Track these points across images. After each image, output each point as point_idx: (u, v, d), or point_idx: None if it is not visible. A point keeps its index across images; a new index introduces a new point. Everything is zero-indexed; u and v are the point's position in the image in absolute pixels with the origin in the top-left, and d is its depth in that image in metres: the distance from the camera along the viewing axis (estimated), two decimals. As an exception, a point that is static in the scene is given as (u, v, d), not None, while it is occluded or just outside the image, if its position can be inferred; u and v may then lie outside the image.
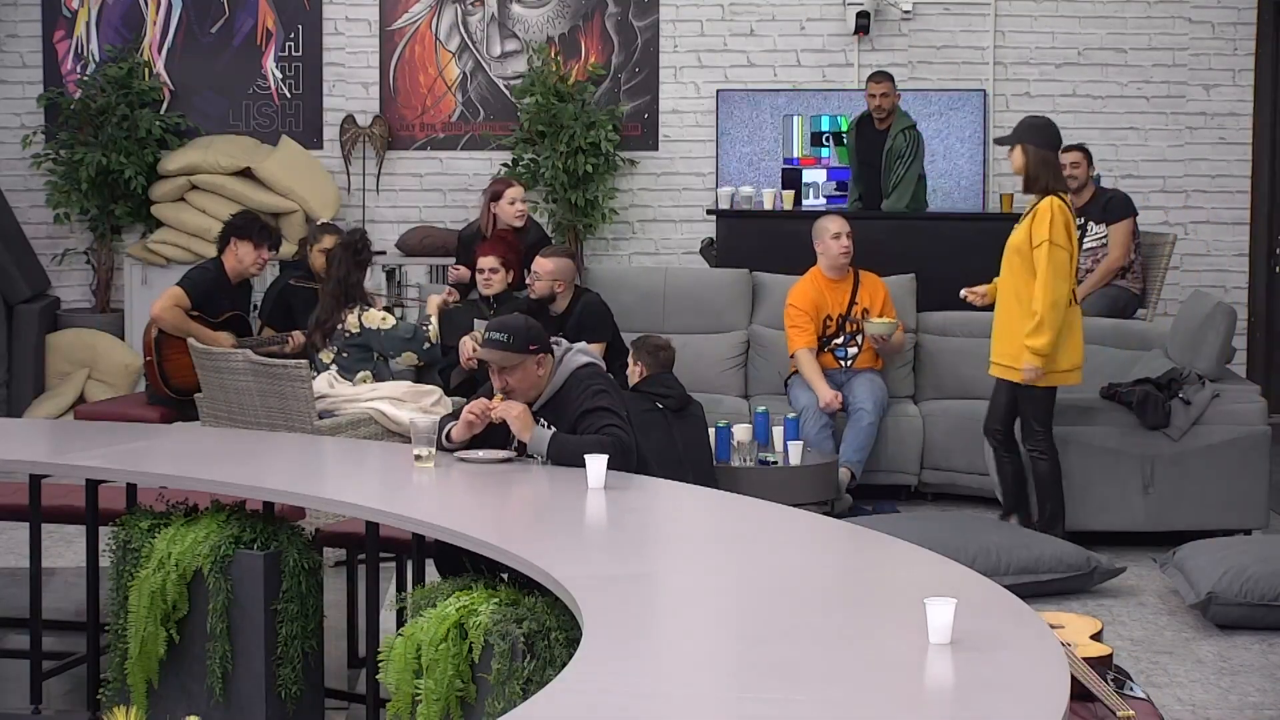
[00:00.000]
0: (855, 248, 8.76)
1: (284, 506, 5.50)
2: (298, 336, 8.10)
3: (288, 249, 10.07)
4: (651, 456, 5.83)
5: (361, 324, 7.81)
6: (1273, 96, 11.00)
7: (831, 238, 8.69)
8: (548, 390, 5.48)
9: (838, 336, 8.77)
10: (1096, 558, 7.09)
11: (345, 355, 7.81)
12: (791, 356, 8.78)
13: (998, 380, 7.60)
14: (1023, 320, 7.35)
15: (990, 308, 7.71)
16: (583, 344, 5.68)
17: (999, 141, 7.68)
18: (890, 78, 10.09)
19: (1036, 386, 7.44)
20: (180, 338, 8.06)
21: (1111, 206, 9.57)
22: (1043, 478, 7.58)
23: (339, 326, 7.84)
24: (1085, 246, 9.59)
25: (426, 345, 7.88)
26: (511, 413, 5.38)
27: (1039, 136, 7.45)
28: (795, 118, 10.82)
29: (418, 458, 5.36)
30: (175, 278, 8.70)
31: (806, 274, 8.84)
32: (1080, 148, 9.73)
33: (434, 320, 8.05)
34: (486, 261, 8.45)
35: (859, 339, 8.75)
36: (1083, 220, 9.62)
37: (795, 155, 10.83)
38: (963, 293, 7.82)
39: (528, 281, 8.28)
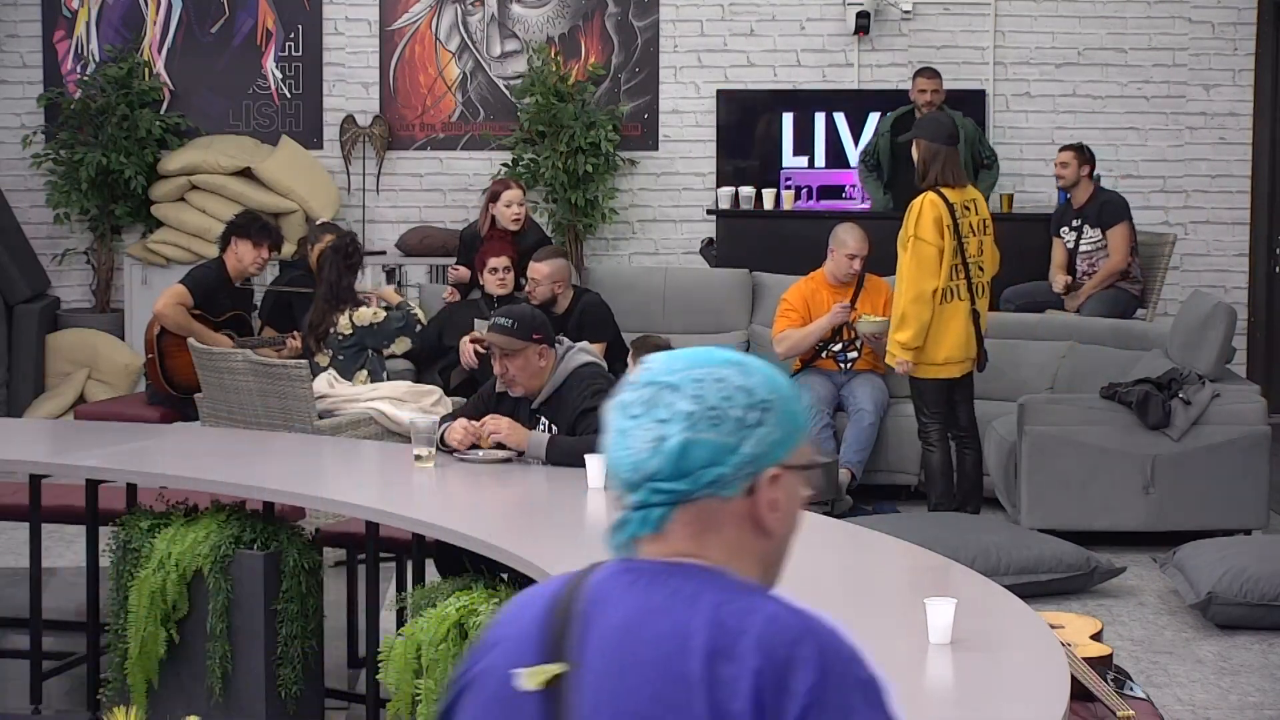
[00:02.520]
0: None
1: (284, 506, 5.50)
2: (296, 340, 8.10)
3: (286, 249, 10.06)
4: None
5: (353, 323, 7.80)
6: (1273, 96, 10.99)
7: (846, 256, 8.65)
8: (548, 387, 5.48)
9: (835, 342, 8.77)
10: (1096, 558, 7.09)
11: (340, 358, 7.80)
12: (779, 342, 8.72)
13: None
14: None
15: None
16: (584, 343, 5.69)
17: (911, 140, 7.71)
18: (939, 74, 10.10)
19: (918, 379, 7.67)
20: (182, 335, 8.07)
21: (1106, 211, 9.54)
22: (931, 469, 7.77)
23: (331, 330, 7.82)
24: (1081, 250, 9.58)
25: (419, 328, 7.88)
26: (501, 429, 5.37)
27: (929, 131, 7.66)
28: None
29: (418, 458, 5.36)
30: (175, 278, 8.70)
31: (808, 275, 8.82)
32: (1074, 147, 9.71)
33: (418, 310, 8.05)
34: (500, 261, 8.44)
35: (858, 344, 8.75)
36: (1079, 223, 9.60)
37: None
38: None
39: (526, 288, 8.26)
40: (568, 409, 5.41)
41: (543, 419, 5.47)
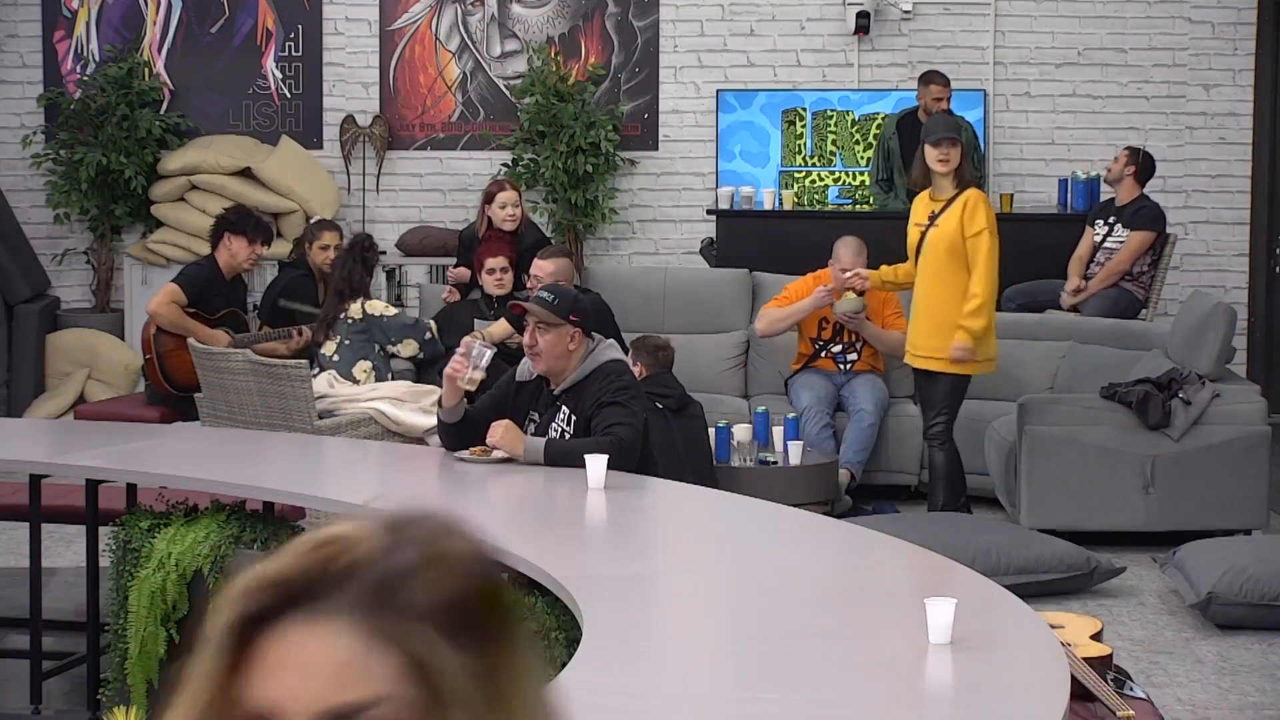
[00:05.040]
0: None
1: (284, 506, 5.50)
2: (305, 332, 8.10)
3: (284, 249, 10.06)
4: (651, 456, 5.84)
5: (364, 310, 7.81)
6: (1273, 96, 10.99)
7: (840, 269, 8.64)
8: (574, 375, 5.48)
9: (835, 343, 8.77)
10: (1096, 558, 7.08)
11: (347, 343, 7.80)
12: (760, 318, 8.76)
13: (927, 373, 7.72)
14: (959, 308, 7.53)
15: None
16: (613, 341, 5.68)
17: (948, 140, 7.63)
18: (949, 81, 10.06)
19: (957, 374, 7.62)
20: (178, 334, 8.07)
21: (1139, 215, 9.54)
22: (949, 468, 7.74)
23: (341, 316, 7.83)
24: (1105, 245, 9.59)
25: (428, 336, 7.87)
26: (496, 435, 5.38)
27: (955, 131, 7.77)
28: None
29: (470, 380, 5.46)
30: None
31: (813, 273, 8.79)
32: (1131, 148, 9.77)
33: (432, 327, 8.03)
34: (497, 262, 8.45)
35: (859, 346, 8.74)
36: (1114, 220, 9.60)
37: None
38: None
39: (527, 285, 8.26)
40: (588, 400, 5.42)
41: (564, 407, 5.48)
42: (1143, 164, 9.65)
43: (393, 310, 7.87)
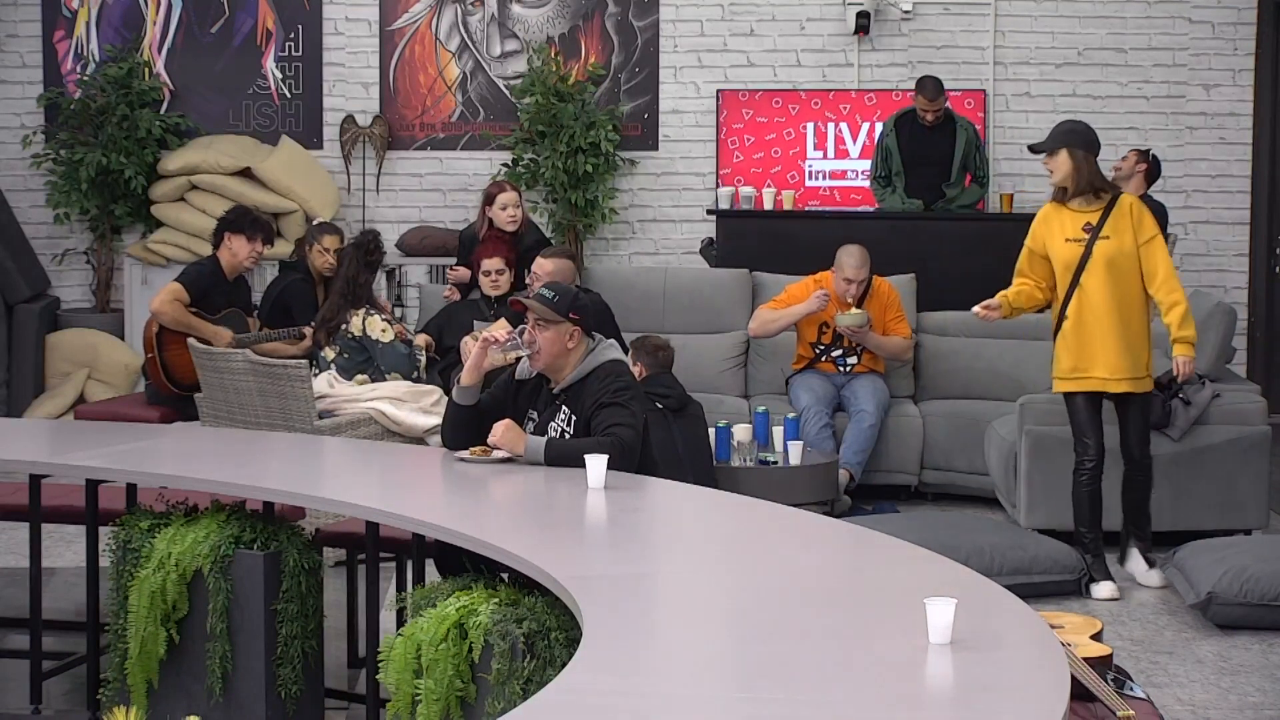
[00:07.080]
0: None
1: (284, 506, 5.50)
2: (308, 332, 8.10)
3: (285, 248, 10.07)
4: (651, 456, 5.84)
5: (364, 328, 7.81)
6: (1273, 96, 10.99)
7: (844, 280, 8.60)
8: (573, 374, 5.48)
9: (835, 348, 8.76)
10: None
11: (345, 356, 7.81)
12: (753, 319, 8.78)
13: (1125, 396, 7.15)
14: (1141, 321, 7.08)
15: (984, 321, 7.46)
16: (613, 341, 5.68)
17: (1035, 149, 7.23)
18: (941, 90, 9.97)
19: (1149, 391, 7.19)
20: (180, 332, 8.08)
21: None
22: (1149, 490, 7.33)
23: (343, 326, 7.84)
24: None
25: (415, 375, 7.85)
26: (497, 434, 5.38)
27: (1083, 141, 7.14)
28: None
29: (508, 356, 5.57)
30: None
31: (815, 275, 8.78)
32: (1139, 149, 9.77)
33: (422, 354, 8.04)
34: (493, 264, 8.45)
35: (859, 350, 8.74)
36: None
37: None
38: (977, 310, 7.21)
39: (528, 282, 8.27)
40: (587, 399, 5.42)
41: (563, 407, 5.48)
42: (1152, 165, 9.67)
43: (389, 335, 7.83)
